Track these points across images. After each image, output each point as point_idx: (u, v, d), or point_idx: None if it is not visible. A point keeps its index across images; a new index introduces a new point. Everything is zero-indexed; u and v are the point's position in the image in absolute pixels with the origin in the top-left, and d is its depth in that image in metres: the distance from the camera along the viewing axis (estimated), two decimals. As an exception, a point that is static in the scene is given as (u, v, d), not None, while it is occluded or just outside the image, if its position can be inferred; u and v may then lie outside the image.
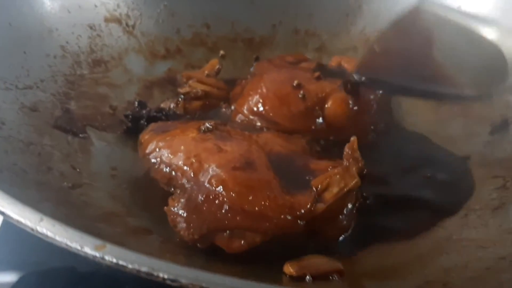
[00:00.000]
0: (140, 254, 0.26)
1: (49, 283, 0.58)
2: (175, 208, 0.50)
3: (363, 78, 0.62)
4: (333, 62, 0.74)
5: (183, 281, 0.25)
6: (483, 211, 0.56)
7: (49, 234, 0.27)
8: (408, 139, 0.70)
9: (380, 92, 0.69)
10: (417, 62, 0.60)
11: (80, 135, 0.60)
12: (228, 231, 0.48)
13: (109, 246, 0.26)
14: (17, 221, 0.28)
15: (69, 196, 0.50)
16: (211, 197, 0.48)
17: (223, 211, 0.48)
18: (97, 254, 0.26)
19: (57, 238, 0.27)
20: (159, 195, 0.54)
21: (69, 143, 0.58)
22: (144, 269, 0.25)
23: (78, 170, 0.55)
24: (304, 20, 0.84)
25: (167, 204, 0.51)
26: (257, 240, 0.48)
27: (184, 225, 0.49)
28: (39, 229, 0.27)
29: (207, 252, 0.49)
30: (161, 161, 0.55)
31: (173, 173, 0.53)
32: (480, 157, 0.64)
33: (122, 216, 0.52)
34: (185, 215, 0.49)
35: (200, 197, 0.49)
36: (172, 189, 0.53)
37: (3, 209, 0.29)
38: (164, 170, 0.54)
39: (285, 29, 0.84)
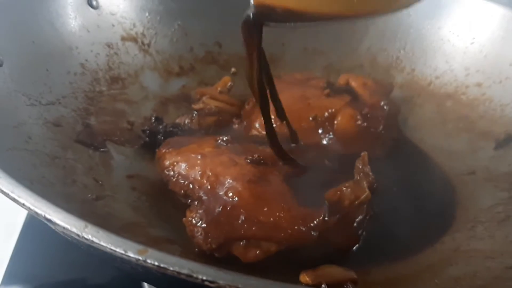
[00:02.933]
0: (180, 258, 0.28)
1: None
2: (193, 219, 0.52)
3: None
4: (341, 80, 0.76)
5: (221, 282, 0.27)
6: (490, 223, 0.58)
7: (95, 239, 0.29)
8: (414, 155, 0.72)
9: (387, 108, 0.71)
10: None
11: (101, 149, 0.62)
12: (244, 241, 0.50)
13: (151, 251, 0.28)
14: (64, 227, 0.30)
15: (93, 208, 0.52)
16: (227, 208, 0.51)
17: (239, 221, 0.50)
18: (140, 258, 0.28)
19: (102, 243, 0.29)
20: (177, 207, 0.56)
21: (90, 156, 0.60)
22: (184, 271, 0.27)
23: (100, 182, 0.57)
24: (312, 39, 0.86)
25: (185, 216, 0.53)
26: (272, 250, 0.50)
27: (202, 235, 0.51)
28: (85, 235, 0.29)
29: (224, 262, 0.51)
30: (179, 174, 0.57)
31: (190, 185, 0.55)
32: (485, 172, 0.66)
33: (143, 226, 0.54)
34: (203, 225, 0.51)
35: (217, 208, 0.51)
36: (190, 201, 0.55)
37: (49, 217, 0.31)
38: (182, 183, 0.56)
39: (294, 48, 0.87)
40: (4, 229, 0.70)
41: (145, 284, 0.61)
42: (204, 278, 0.27)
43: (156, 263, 0.28)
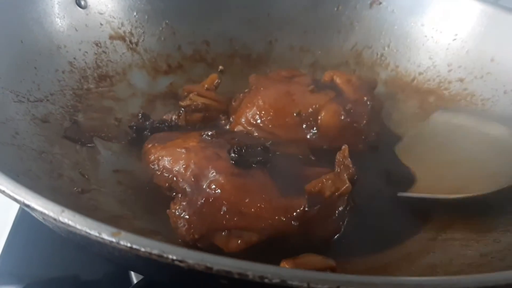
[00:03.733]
0: (152, 240, 0.29)
1: (52, 291, 0.61)
2: (177, 211, 0.53)
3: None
4: (326, 77, 0.77)
5: (190, 261, 0.28)
6: (469, 213, 0.59)
7: (70, 223, 0.30)
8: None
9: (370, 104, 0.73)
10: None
11: (88, 144, 0.63)
12: (226, 231, 0.52)
13: (123, 233, 0.29)
14: (41, 212, 0.31)
15: (79, 201, 0.53)
16: (210, 200, 0.52)
17: (221, 212, 0.51)
18: (114, 239, 0.29)
19: (78, 226, 0.30)
20: (162, 199, 0.57)
21: (77, 152, 0.61)
22: (155, 251, 0.28)
23: (86, 176, 0.58)
24: (298, 37, 0.88)
25: (169, 208, 0.54)
26: (254, 240, 0.52)
27: (185, 226, 0.52)
28: (61, 219, 0.30)
29: (211, 252, 0.52)
30: (163, 168, 0.58)
31: (174, 178, 0.56)
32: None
33: (129, 219, 0.55)
34: (186, 216, 0.53)
35: (200, 200, 0.52)
36: (174, 194, 0.56)
37: (28, 202, 0.32)
38: (166, 176, 0.57)
39: (280, 46, 0.88)
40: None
41: (133, 278, 0.63)
42: (174, 258, 0.28)
43: (129, 244, 0.29)
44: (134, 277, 0.63)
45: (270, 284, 0.28)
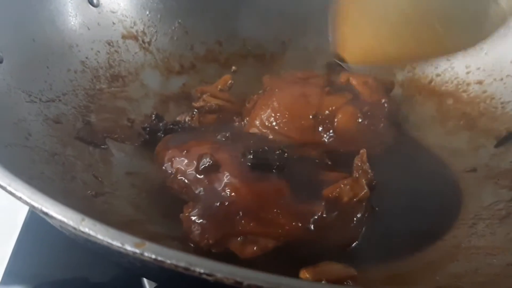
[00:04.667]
0: (177, 251, 0.28)
1: (61, 294, 0.60)
2: (190, 215, 0.52)
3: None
4: (341, 78, 0.76)
5: (219, 275, 0.26)
6: (491, 220, 0.58)
7: (91, 232, 0.29)
8: (415, 152, 0.72)
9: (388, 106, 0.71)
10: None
11: (101, 146, 0.62)
12: (241, 237, 0.50)
13: (148, 244, 0.28)
14: (61, 221, 0.30)
15: (93, 204, 0.52)
16: (225, 204, 0.51)
17: (237, 217, 0.50)
18: (137, 251, 0.28)
19: (99, 236, 0.29)
20: (176, 203, 0.56)
21: (90, 153, 0.60)
22: (182, 264, 0.27)
23: (100, 179, 0.57)
24: (313, 37, 0.86)
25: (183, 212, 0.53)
26: (270, 246, 0.50)
27: (199, 230, 0.51)
28: (82, 228, 0.29)
29: (226, 258, 0.51)
30: (177, 171, 0.57)
31: (188, 181, 0.55)
32: (487, 169, 0.66)
33: (143, 223, 0.54)
34: (200, 221, 0.51)
35: (214, 204, 0.51)
36: (188, 197, 0.55)
37: (46, 210, 0.31)
38: (180, 179, 0.56)
39: (294, 46, 0.87)
40: (4, 228, 0.70)
41: (145, 282, 0.61)
42: (202, 271, 0.27)
43: (154, 256, 0.28)
44: (146, 281, 0.62)
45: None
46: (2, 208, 0.75)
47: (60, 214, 0.30)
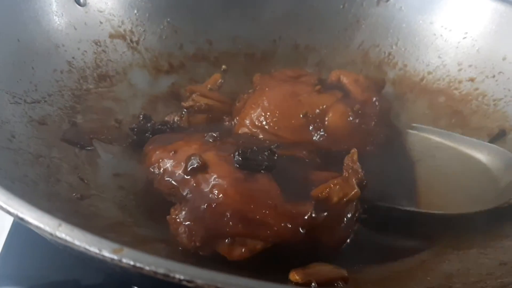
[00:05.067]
0: (157, 257, 0.27)
1: (52, 296, 0.59)
2: (177, 217, 0.51)
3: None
4: (332, 77, 0.75)
5: (199, 281, 0.26)
6: (484, 219, 0.57)
7: (68, 238, 0.28)
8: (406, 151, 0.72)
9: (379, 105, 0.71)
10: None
11: (87, 147, 0.61)
12: (229, 239, 0.49)
13: (126, 250, 0.27)
14: (37, 226, 0.29)
15: (78, 207, 0.51)
16: (213, 205, 0.50)
17: (224, 218, 0.49)
18: (115, 257, 0.27)
19: (76, 242, 0.28)
20: (164, 205, 0.55)
21: (76, 155, 0.59)
22: (161, 270, 0.26)
23: (86, 181, 0.56)
24: (303, 35, 0.85)
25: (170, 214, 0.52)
26: (258, 248, 0.50)
27: (186, 233, 0.50)
28: (58, 234, 0.28)
29: (213, 260, 0.50)
30: (164, 172, 0.56)
31: (175, 183, 0.54)
32: (479, 167, 0.65)
33: (130, 226, 0.53)
34: (187, 223, 0.50)
35: (202, 206, 0.50)
36: (174, 199, 0.54)
37: (22, 215, 0.30)
38: (167, 180, 0.55)
39: (285, 44, 0.86)
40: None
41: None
42: (182, 277, 0.26)
43: (132, 262, 0.27)
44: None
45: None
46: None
47: (37, 219, 0.29)
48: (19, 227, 0.68)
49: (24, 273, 0.62)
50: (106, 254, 0.27)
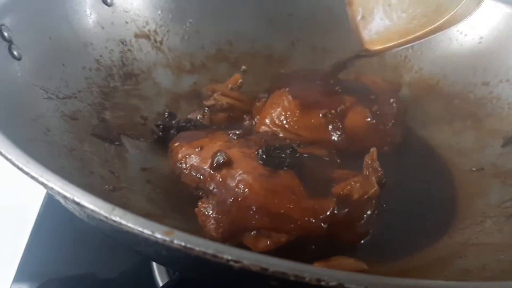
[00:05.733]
0: (205, 239, 0.29)
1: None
2: (205, 210, 0.53)
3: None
4: (351, 78, 0.77)
5: (245, 262, 0.28)
6: (498, 218, 0.59)
7: (123, 221, 0.30)
8: (422, 151, 0.73)
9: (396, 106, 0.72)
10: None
11: (116, 142, 0.63)
12: (255, 231, 0.51)
13: (177, 232, 0.29)
14: (92, 210, 0.31)
15: (111, 199, 0.52)
16: (239, 199, 0.51)
17: (250, 212, 0.51)
18: (167, 238, 0.29)
19: (130, 225, 0.30)
20: (190, 198, 0.57)
21: (106, 149, 0.61)
22: (210, 251, 0.28)
23: (116, 174, 0.58)
24: (321, 38, 0.87)
25: (197, 207, 0.54)
26: (283, 240, 0.51)
27: (213, 224, 0.52)
28: (113, 217, 0.30)
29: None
30: (191, 167, 0.58)
31: (202, 177, 0.56)
32: (494, 168, 0.67)
33: (159, 217, 0.55)
34: (214, 215, 0.52)
35: (228, 199, 0.52)
36: (201, 193, 0.56)
37: (78, 200, 0.32)
38: (194, 175, 0.57)
39: (302, 46, 0.88)
40: (16, 226, 0.71)
41: (157, 277, 0.63)
42: (230, 257, 0.28)
43: (183, 244, 0.29)
44: (158, 276, 0.63)
45: (326, 286, 0.28)
46: (13, 207, 0.77)
47: (92, 203, 0.32)
48: (41, 225, 0.71)
49: (43, 268, 0.66)
50: (159, 235, 0.29)
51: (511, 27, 0.76)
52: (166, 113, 0.69)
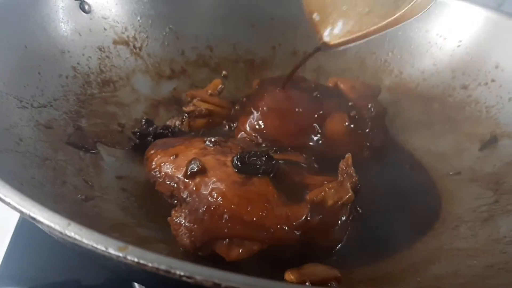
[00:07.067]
0: (159, 255, 0.29)
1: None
2: (178, 219, 0.53)
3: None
4: (330, 83, 0.77)
5: (198, 277, 0.28)
6: (473, 223, 0.59)
7: (77, 237, 0.30)
8: (400, 156, 0.74)
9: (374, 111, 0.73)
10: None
11: (91, 151, 0.63)
12: (227, 240, 0.51)
13: (131, 247, 0.29)
14: (48, 226, 0.31)
15: (83, 208, 0.53)
16: (211, 208, 0.51)
17: (223, 220, 0.51)
18: (121, 254, 0.29)
19: (84, 240, 0.30)
20: (165, 207, 0.57)
21: (81, 158, 0.61)
22: (163, 267, 0.28)
23: (90, 183, 0.58)
24: (302, 42, 0.87)
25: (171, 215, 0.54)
26: (255, 249, 0.51)
27: (186, 234, 0.52)
28: (68, 232, 0.30)
29: (211, 261, 0.52)
30: (165, 175, 0.57)
31: (176, 186, 0.55)
32: (471, 172, 0.68)
33: (132, 226, 0.55)
34: (187, 224, 0.52)
35: (201, 208, 0.52)
36: (175, 201, 0.56)
37: (34, 215, 0.32)
38: (168, 183, 0.57)
39: (284, 51, 0.88)
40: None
41: (136, 285, 0.62)
42: (182, 273, 0.28)
43: (136, 260, 0.29)
44: (137, 284, 0.63)
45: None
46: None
47: (48, 219, 0.32)
48: (23, 229, 0.70)
49: (26, 274, 0.64)
50: (112, 251, 0.29)
51: (490, 31, 0.76)
52: (144, 120, 0.69)
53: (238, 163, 0.55)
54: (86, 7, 0.73)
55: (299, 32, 0.87)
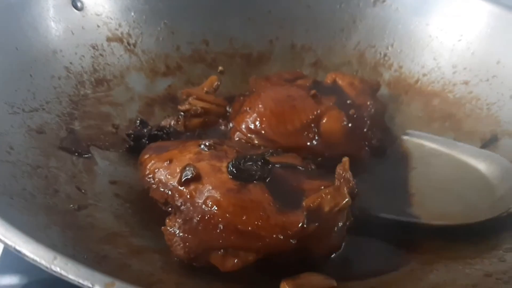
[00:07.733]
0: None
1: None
2: (172, 228, 0.52)
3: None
4: (328, 79, 0.76)
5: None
6: (472, 228, 0.58)
7: (63, 272, 0.29)
8: (399, 154, 0.72)
9: (373, 109, 0.71)
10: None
11: (85, 155, 0.62)
12: (222, 250, 0.50)
13: (118, 284, 0.29)
14: (33, 259, 0.30)
15: (75, 219, 0.52)
16: (206, 217, 0.50)
17: (217, 230, 0.50)
18: (107, 291, 0.28)
19: (70, 276, 0.29)
20: (159, 214, 0.56)
21: (74, 164, 0.60)
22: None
23: (83, 191, 0.57)
24: (300, 36, 0.86)
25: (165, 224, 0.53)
26: (250, 259, 0.50)
27: (180, 244, 0.51)
28: (53, 267, 0.30)
29: (208, 271, 0.51)
30: (159, 182, 0.56)
31: (170, 193, 0.54)
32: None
33: (126, 236, 0.54)
34: (181, 234, 0.51)
35: (196, 217, 0.51)
36: (170, 208, 0.55)
37: (19, 248, 0.31)
38: (162, 190, 0.55)
39: (281, 45, 0.86)
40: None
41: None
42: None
43: (123, 298, 0.28)
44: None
45: None
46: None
47: (33, 252, 0.31)
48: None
49: (25, 268, 0.63)
50: (98, 288, 0.29)
51: (491, 26, 0.74)
52: (138, 121, 0.68)
53: (234, 170, 0.54)
54: (79, 4, 0.72)
55: (297, 25, 0.86)
